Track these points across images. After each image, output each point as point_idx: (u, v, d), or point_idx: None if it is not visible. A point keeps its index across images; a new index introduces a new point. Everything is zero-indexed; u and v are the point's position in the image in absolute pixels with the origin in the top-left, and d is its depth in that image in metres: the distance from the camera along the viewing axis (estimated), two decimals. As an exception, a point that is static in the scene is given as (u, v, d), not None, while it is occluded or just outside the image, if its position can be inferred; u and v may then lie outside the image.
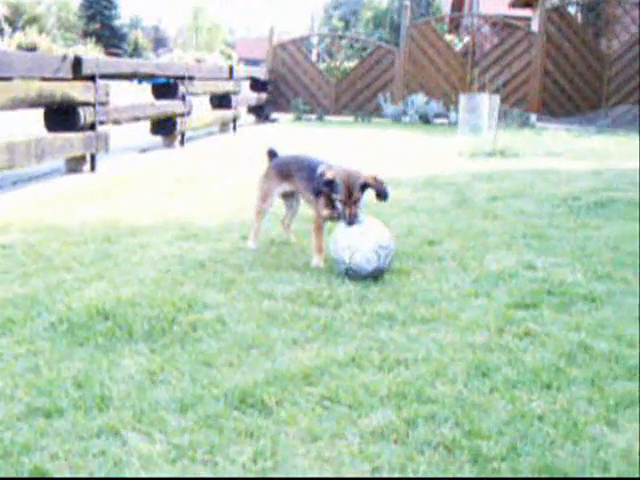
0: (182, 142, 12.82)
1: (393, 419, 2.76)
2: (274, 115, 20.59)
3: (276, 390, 2.95)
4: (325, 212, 4.85)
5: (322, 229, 4.91)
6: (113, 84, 10.16)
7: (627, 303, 4.26)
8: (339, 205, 4.70)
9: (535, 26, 23.24)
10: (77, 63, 8.81)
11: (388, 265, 4.64)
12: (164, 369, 3.14)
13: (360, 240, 4.59)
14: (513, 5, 33.21)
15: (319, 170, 4.88)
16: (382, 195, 4.80)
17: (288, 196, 5.46)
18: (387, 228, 4.83)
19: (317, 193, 4.79)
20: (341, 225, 4.75)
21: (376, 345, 3.47)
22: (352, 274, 4.58)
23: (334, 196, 4.69)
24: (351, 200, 4.64)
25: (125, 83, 21.97)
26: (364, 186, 4.70)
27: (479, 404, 2.90)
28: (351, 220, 4.64)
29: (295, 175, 5.21)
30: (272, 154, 5.51)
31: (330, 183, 4.67)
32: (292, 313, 3.89)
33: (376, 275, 4.56)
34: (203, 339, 3.50)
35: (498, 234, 5.99)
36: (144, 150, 11.98)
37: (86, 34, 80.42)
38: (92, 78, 9.14)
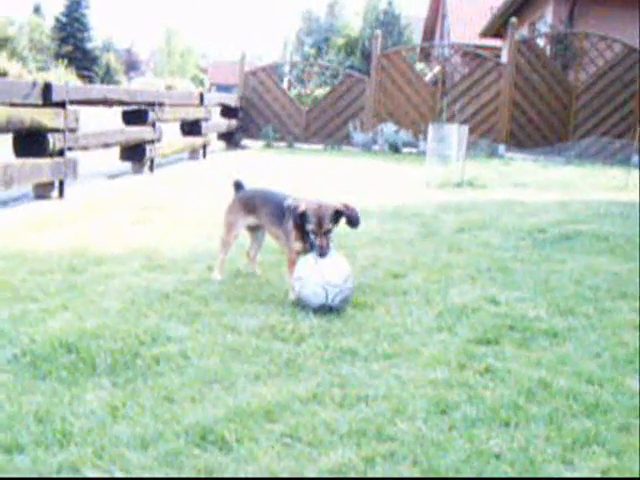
0: (151, 168, 12.81)
1: (352, 457, 2.78)
2: (244, 142, 20.61)
3: (237, 427, 2.96)
4: (297, 246, 4.87)
5: (295, 264, 4.91)
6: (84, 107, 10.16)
7: (588, 339, 4.32)
8: (311, 236, 4.73)
9: (504, 57, 23.49)
10: (47, 89, 8.80)
11: (340, 303, 4.65)
12: (126, 404, 3.15)
13: (312, 273, 4.63)
14: (484, 35, 33.58)
15: (287, 203, 4.92)
16: (353, 222, 4.84)
17: (254, 228, 5.50)
18: (348, 264, 4.84)
19: (293, 226, 4.81)
20: (306, 256, 4.78)
21: (338, 381, 3.49)
22: (302, 304, 4.63)
23: (307, 227, 4.72)
24: (322, 230, 4.67)
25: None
26: (336, 214, 4.74)
27: (438, 442, 2.93)
28: (323, 252, 4.67)
29: (260, 210, 5.25)
30: (238, 186, 5.54)
31: (302, 215, 4.70)
32: (255, 348, 3.91)
33: (325, 310, 4.59)
34: (166, 373, 3.51)
35: (463, 267, 6.04)
36: (113, 176, 11.96)
37: (58, 56, 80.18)
38: (62, 104, 9.14)
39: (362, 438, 2.93)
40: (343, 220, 4.83)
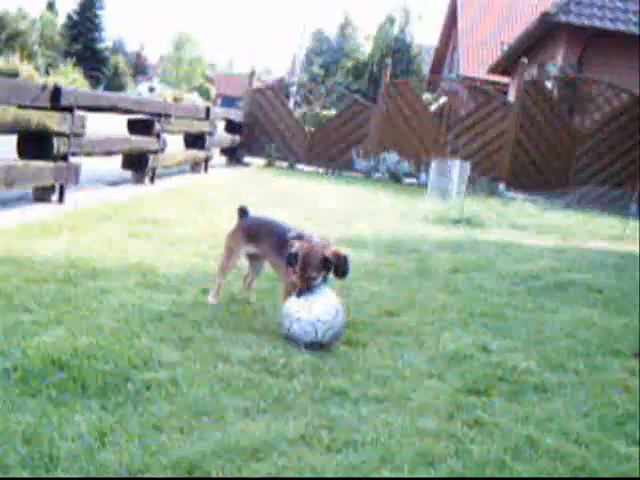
0: (152, 179, 12.81)
1: (337, 506, 2.78)
2: (246, 159, 20.63)
3: (224, 464, 2.96)
4: (294, 279, 4.86)
5: (289, 296, 4.91)
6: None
7: (577, 397, 4.31)
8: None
9: (511, 95, 23.58)
10: (56, 93, 8.81)
11: (330, 339, 4.65)
12: (114, 430, 3.14)
13: (302, 311, 4.62)
14: (492, 71, 33.73)
15: (289, 236, 4.93)
16: (341, 273, 4.85)
17: (254, 256, 5.50)
18: (337, 299, 4.84)
19: (289, 263, 4.82)
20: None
21: (326, 423, 3.48)
22: (291, 341, 4.63)
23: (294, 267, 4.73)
24: (304, 276, 4.69)
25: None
26: (324, 261, 4.73)
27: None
28: (299, 293, 4.68)
29: (262, 239, 5.26)
30: (243, 212, 5.54)
31: (294, 255, 4.71)
32: (246, 380, 3.90)
33: (315, 347, 4.58)
34: (155, 400, 3.50)
35: (457, 310, 6.04)
36: (113, 184, 11.97)
37: (67, 54, 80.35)
38: (70, 109, 9.15)
39: (347, 486, 2.93)
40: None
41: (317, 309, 4.62)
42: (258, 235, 5.30)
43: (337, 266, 4.79)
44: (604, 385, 4.56)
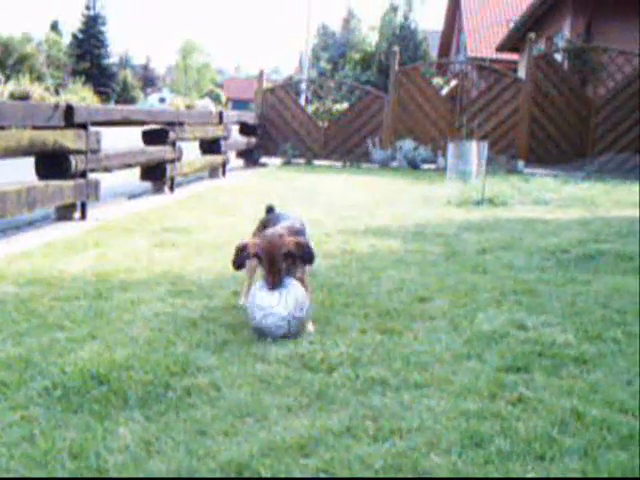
0: (172, 188, 12.85)
1: (389, 494, 2.76)
2: (263, 159, 20.66)
3: (272, 462, 2.95)
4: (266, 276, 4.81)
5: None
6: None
7: (617, 365, 4.28)
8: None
9: (521, 71, 23.47)
10: (69, 111, 8.85)
11: (297, 330, 4.64)
12: (159, 438, 3.14)
13: (277, 306, 4.58)
14: (500, 49, 33.62)
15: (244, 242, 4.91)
16: (306, 260, 4.83)
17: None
18: (303, 291, 4.81)
19: (238, 267, 4.83)
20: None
21: (370, 413, 3.47)
22: (259, 333, 4.61)
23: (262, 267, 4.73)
24: (274, 270, 4.66)
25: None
26: (287, 255, 4.71)
27: (474, 477, 2.91)
28: (273, 287, 4.66)
29: None
30: (269, 210, 5.53)
31: (256, 256, 4.71)
32: (285, 378, 3.89)
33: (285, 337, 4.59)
34: (197, 406, 3.50)
35: (488, 290, 6.01)
36: (133, 196, 12.02)
37: (75, 73, 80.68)
38: (84, 126, 9.19)
39: (398, 473, 2.92)
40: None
41: (291, 305, 4.59)
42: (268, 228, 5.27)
43: (302, 256, 4.78)
44: (644, 352, 4.53)
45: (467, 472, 2.94)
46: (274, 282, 4.66)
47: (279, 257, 4.66)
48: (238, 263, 4.82)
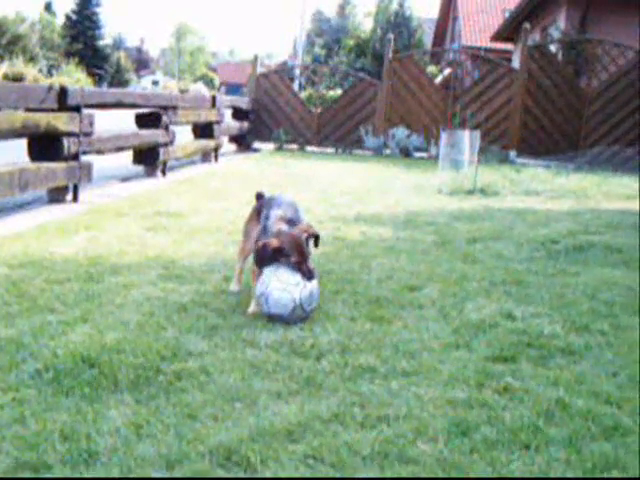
0: (164, 172, 12.85)
1: (375, 480, 2.80)
2: (256, 144, 20.65)
3: (260, 447, 2.99)
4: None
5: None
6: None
7: (604, 357, 4.32)
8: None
9: (516, 61, 23.48)
10: (62, 94, 8.85)
11: (295, 318, 4.69)
12: (150, 422, 3.17)
13: (295, 286, 4.67)
14: (495, 38, 33.58)
15: (268, 230, 4.95)
16: (316, 242, 4.97)
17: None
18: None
19: (260, 265, 4.85)
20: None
21: (358, 400, 3.51)
22: (264, 300, 4.69)
23: (291, 260, 4.74)
24: (304, 258, 4.72)
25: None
26: (307, 239, 4.84)
27: (459, 465, 2.95)
28: (310, 275, 4.73)
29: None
30: (259, 197, 5.55)
31: (280, 250, 4.73)
32: (275, 363, 3.93)
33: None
34: (188, 390, 3.53)
35: (478, 280, 6.05)
36: (126, 179, 12.01)
37: (69, 54, 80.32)
38: (77, 109, 9.18)
39: (384, 460, 2.95)
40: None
41: (305, 295, 4.68)
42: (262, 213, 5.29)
43: (315, 239, 4.95)
44: (630, 344, 4.56)
45: (453, 460, 2.98)
46: (309, 271, 4.73)
47: (304, 244, 4.76)
48: (264, 261, 4.80)
